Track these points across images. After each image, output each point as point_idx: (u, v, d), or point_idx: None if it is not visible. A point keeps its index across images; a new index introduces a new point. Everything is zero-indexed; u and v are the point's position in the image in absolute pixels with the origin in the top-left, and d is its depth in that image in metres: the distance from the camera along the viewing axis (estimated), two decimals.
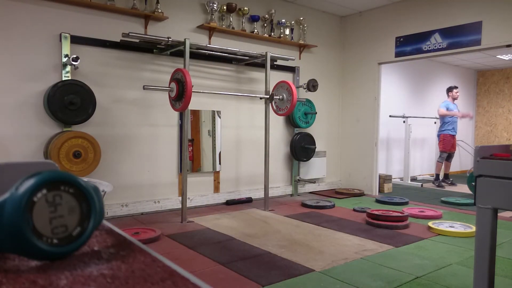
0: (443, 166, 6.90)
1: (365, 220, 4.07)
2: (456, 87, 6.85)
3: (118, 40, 4.01)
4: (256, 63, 5.01)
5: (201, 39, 4.65)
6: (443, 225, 3.85)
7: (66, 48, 3.72)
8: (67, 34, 3.73)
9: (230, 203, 4.88)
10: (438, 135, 6.88)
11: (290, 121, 5.51)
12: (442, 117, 6.73)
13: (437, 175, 6.87)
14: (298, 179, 5.61)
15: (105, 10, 3.98)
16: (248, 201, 5.05)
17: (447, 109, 6.67)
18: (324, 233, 3.65)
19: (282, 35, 5.33)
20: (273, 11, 5.18)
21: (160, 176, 4.43)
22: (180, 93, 3.73)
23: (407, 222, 3.91)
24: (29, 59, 3.61)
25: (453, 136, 6.73)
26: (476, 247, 1.53)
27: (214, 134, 4.83)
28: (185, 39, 3.95)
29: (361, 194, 5.69)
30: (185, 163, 4.02)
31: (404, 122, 7.03)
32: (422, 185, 6.79)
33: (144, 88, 3.81)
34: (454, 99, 6.78)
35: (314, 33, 5.77)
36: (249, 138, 5.16)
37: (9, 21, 3.52)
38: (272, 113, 4.76)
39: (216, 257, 2.94)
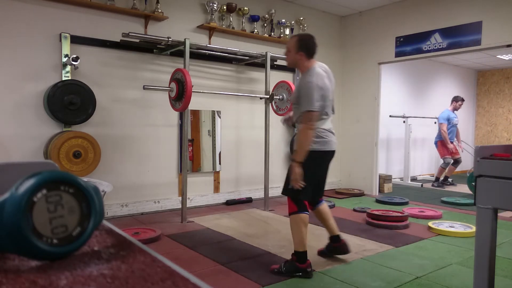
0: (446, 169, 6.84)
1: (365, 220, 4.07)
2: (462, 100, 6.77)
3: (118, 40, 4.01)
4: (256, 63, 5.01)
5: (201, 39, 4.65)
6: (443, 225, 3.85)
7: (66, 48, 3.72)
8: (67, 34, 3.73)
9: (230, 203, 4.88)
10: (436, 142, 6.86)
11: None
12: (440, 125, 6.70)
13: (437, 178, 6.85)
14: None
15: (105, 10, 3.98)
16: (248, 201, 5.05)
17: (448, 120, 6.63)
18: (324, 233, 3.63)
19: (282, 35, 5.33)
20: (273, 11, 5.18)
21: (160, 176, 4.43)
22: (180, 93, 3.73)
23: (407, 222, 3.91)
24: (29, 59, 3.61)
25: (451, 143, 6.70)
26: (476, 247, 1.53)
27: (214, 134, 4.83)
28: (185, 39, 3.95)
29: (361, 194, 5.69)
30: (185, 163, 4.02)
31: (404, 122, 7.02)
32: (422, 185, 6.79)
33: (144, 88, 3.81)
34: (455, 109, 6.74)
35: (314, 33, 5.69)
36: (249, 138, 5.16)
37: (9, 21, 3.52)
38: (272, 113, 4.76)
39: (216, 257, 2.94)
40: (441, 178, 6.86)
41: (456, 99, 6.76)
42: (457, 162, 6.75)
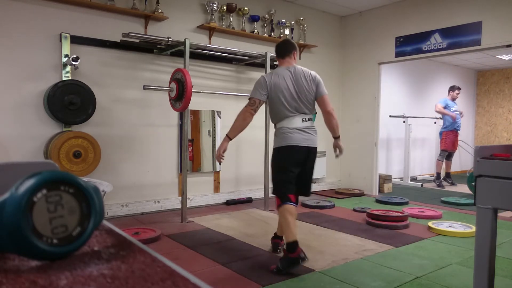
0: (443, 165, 6.88)
1: (365, 220, 4.07)
2: (459, 88, 6.82)
3: (118, 40, 4.01)
4: (256, 63, 5.01)
5: (201, 39, 4.65)
6: (443, 225, 3.85)
7: (66, 48, 3.72)
8: (67, 34, 3.73)
9: (230, 203, 4.88)
10: (441, 133, 6.86)
11: None
12: (443, 115, 6.73)
13: (438, 174, 6.86)
14: None
15: (105, 10, 3.98)
16: (248, 201, 5.05)
17: (445, 106, 6.67)
18: (324, 233, 3.65)
19: (282, 35, 5.33)
20: (273, 11, 5.18)
21: (160, 176, 4.43)
22: (180, 93, 3.73)
23: (407, 222, 3.91)
24: (29, 59, 3.61)
25: (456, 133, 6.71)
26: (476, 247, 1.53)
27: (214, 134, 4.83)
28: (185, 39, 3.96)
29: (361, 194, 5.69)
30: (185, 163, 4.02)
31: (404, 122, 7.03)
32: (422, 185, 6.79)
33: (144, 88, 3.81)
34: (453, 99, 6.78)
35: (314, 33, 5.77)
36: (249, 138, 5.16)
37: (9, 21, 3.52)
38: None
39: (216, 257, 2.94)
40: (442, 175, 6.88)
41: (452, 89, 6.81)
42: (450, 155, 6.83)
